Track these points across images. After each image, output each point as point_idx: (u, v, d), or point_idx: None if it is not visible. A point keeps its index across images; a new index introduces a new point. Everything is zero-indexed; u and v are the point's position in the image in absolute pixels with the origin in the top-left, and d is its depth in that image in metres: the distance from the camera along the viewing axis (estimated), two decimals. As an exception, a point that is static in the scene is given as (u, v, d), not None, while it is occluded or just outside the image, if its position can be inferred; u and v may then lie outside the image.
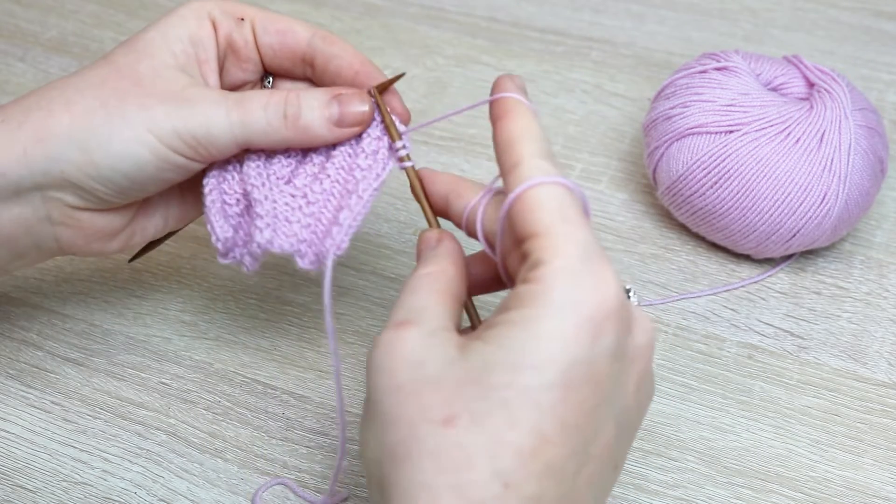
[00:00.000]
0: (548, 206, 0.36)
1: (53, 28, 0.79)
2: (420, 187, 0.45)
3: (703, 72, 0.59)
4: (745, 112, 0.56)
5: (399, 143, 0.46)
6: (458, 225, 0.44)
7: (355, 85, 0.47)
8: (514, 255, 0.39)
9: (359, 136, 0.46)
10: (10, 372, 0.54)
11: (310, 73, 0.49)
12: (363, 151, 0.46)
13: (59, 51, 0.77)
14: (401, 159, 0.46)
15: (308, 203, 0.45)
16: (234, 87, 0.49)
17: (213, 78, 0.47)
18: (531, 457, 0.33)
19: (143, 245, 0.51)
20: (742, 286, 0.59)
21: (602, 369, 0.35)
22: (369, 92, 0.46)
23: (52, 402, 0.53)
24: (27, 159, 0.43)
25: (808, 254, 0.60)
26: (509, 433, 0.33)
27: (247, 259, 0.45)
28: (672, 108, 0.58)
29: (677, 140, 0.57)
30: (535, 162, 0.37)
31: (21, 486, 0.49)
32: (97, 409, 0.53)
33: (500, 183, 0.41)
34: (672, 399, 0.53)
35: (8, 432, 0.51)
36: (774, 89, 0.59)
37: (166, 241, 0.52)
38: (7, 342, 0.56)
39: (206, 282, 0.59)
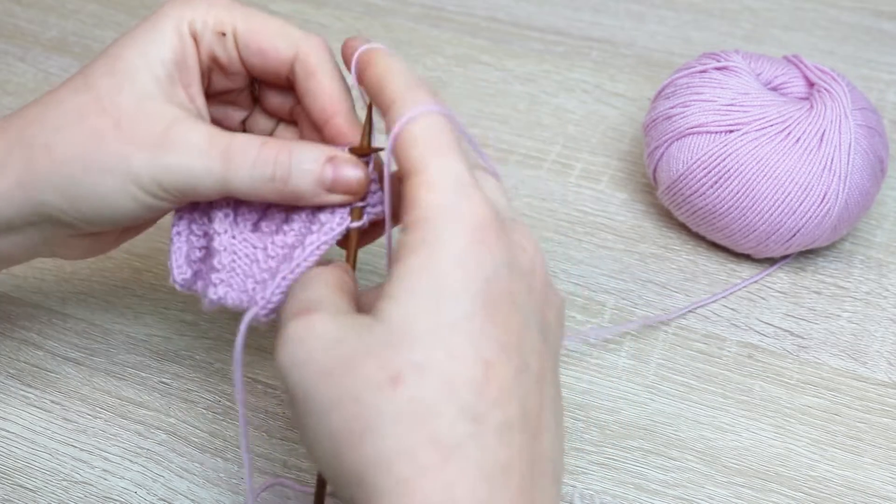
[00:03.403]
0: (421, 141, 0.36)
1: (53, 28, 0.79)
2: (354, 250, 0.43)
3: (703, 71, 0.59)
4: (745, 112, 0.56)
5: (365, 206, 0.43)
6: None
7: (323, 130, 0.44)
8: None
9: None
10: (10, 371, 0.54)
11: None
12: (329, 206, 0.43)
13: (59, 51, 0.77)
14: (357, 214, 0.43)
15: (268, 258, 0.43)
16: (223, 94, 0.47)
17: (200, 100, 0.44)
18: (485, 384, 0.33)
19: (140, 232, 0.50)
20: (743, 286, 0.59)
21: (506, 283, 0.35)
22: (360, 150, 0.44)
23: (52, 402, 0.53)
24: (14, 202, 0.43)
25: (808, 253, 0.60)
26: (457, 369, 0.33)
27: (205, 301, 0.43)
28: (672, 108, 0.58)
29: (677, 140, 0.57)
30: (408, 94, 0.37)
31: (21, 486, 0.49)
32: (97, 408, 0.53)
33: None
34: (672, 399, 0.53)
35: (8, 432, 0.52)
36: (774, 89, 0.59)
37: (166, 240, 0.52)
38: (7, 342, 0.56)
39: (207, 281, 0.59)
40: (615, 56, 0.76)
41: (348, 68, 0.41)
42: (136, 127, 0.41)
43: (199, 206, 0.45)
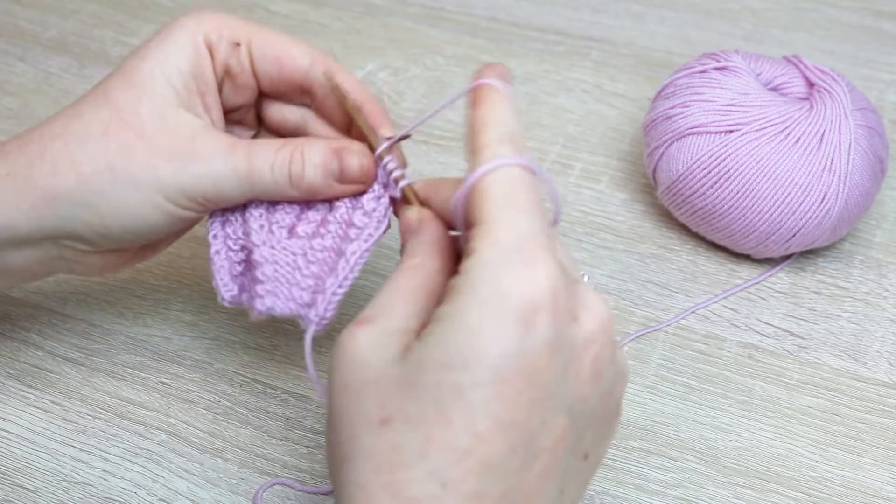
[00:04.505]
0: (494, 192, 0.35)
1: (53, 28, 0.79)
2: (416, 200, 0.43)
3: (703, 71, 0.59)
4: (745, 112, 0.56)
5: (391, 168, 0.44)
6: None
7: (357, 118, 0.45)
8: None
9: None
10: (10, 372, 0.54)
11: (308, 103, 0.47)
12: (361, 208, 0.44)
13: (59, 51, 0.77)
14: (396, 181, 0.44)
15: (308, 263, 0.44)
16: (231, 111, 0.48)
17: (216, 111, 0.46)
18: (466, 455, 0.33)
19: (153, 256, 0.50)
20: (744, 287, 0.59)
21: (539, 362, 0.33)
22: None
23: (52, 402, 0.53)
24: (37, 215, 0.43)
25: (808, 254, 0.60)
26: (442, 433, 0.33)
27: (253, 312, 0.44)
28: (672, 108, 0.58)
29: (677, 140, 0.57)
30: (494, 148, 0.36)
31: (21, 486, 0.49)
32: (97, 408, 0.53)
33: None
34: (672, 399, 0.53)
35: (8, 432, 0.52)
36: (774, 89, 0.59)
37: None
38: (7, 342, 0.56)
39: (206, 282, 0.59)
40: (615, 56, 0.76)
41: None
42: (161, 138, 0.43)
43: (231, 221, 0.46)
